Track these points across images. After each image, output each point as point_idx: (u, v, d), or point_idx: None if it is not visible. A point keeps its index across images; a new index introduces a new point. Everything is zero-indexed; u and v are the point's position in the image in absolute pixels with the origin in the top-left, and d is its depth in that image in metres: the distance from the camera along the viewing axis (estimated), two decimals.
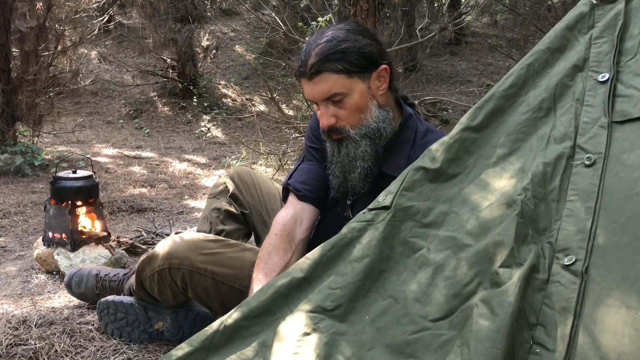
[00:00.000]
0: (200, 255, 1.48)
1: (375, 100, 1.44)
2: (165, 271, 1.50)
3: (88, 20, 6.09)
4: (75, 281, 1.88)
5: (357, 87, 1.40)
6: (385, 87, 1.45)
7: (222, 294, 1.49)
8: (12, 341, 1.58)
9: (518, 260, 1.00)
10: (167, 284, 1.52)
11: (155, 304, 1.65)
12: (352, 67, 1.38)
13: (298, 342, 1.05)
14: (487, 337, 0.92)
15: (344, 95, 1.40)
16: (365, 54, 1.39)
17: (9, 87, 4.65)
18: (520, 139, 1.15)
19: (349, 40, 1.38)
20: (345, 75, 1.38)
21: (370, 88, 1.42)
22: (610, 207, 1.00)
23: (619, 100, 1.09)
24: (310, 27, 5.28)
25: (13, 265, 2.43)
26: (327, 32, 1.42)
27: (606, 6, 1.19)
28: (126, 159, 5.51)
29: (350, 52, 1.37)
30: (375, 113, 1.43)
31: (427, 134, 1.47)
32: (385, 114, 1.45)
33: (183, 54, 7.69)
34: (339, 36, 1.39)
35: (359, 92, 1.41)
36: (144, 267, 1.56)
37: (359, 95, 1.41)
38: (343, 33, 1.40)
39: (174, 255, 1.49)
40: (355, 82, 1.40)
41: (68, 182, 2.28)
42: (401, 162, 1.40)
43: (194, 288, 1.49)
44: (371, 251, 1.12)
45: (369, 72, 1.41)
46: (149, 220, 3.24)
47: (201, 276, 1.47)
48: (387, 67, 1.44)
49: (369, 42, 1.40)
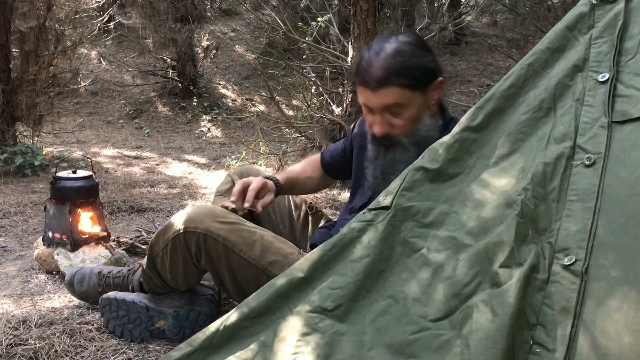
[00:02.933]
0: (215, 221, 1.52)
1: (428, 109, 1.52)
2: (180, 236, 1.52)
3: (88, 20, 6.09)
4: (77, 279, 1.87)
5: (417, 100, 1.48)
6: (437, 98, 1.53)
7: (232, 262, 1.52)
8: (12, 341, 1.58)
9: (518, 260, 1.00)
10: (180, 253, 1.54)
11: (162, 291, 1.65)
12: (417, 82, 1.46)
13: (298, 342, 1.05)
14: (487, 337, 0.92)
15: (403, 107, 1.47)
16: (429, 70, 1.47)
17: (9, 87, 4.65)
18: (520, 139, 1.15)
19: (416, 55, 1.46)
20: (410, 90, 1.45)
21: (426, 99, 1.50)
22: (610, 207, 1.00)
23: (619, 100, 1.09)
24: (310, 27, 5.28)
25: (13, 265, 2.43)
26: (391, 43, 1.47)
27: (606, 6, 1.19)
28: (126, 159, 5.51)
29: (417, 69, 1.45)
30: (428, 122, 1.52)
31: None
32: (435, 122, 1.53)
33: (183, 54, 7.69)
34: (406, 51, 1.46)
35: (417, 105, 1.48)
36: (157, 240, 1.58)
37: (416, 108, 1.49)
38: (409, 48, 1.46)
39: (191, 219, 1.53)
40: (417, 95, 1.47)
41: (68, 182, 2.28)
42: None
43: (207, 252, 1.52)
44: (371, 251, 1.12)
45: (428, 85, 1.49)
46: (149, 220, 3.24)
47: (214, 241, 1.50)
48: (442, 80, 1.51)
49: (431, 58, 1.49)
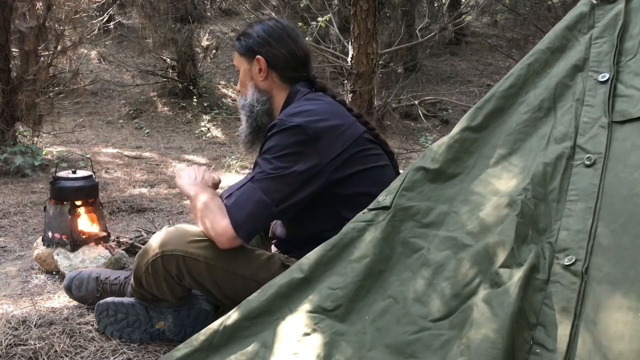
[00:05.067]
0: (192, 242, 1.49)
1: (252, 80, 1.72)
2: (158, 260, 1.50)
3: (88, 20, 6.09)
4: (75, 284, 1.88)
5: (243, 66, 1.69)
6: (265, 75, 1.65)
7: (217, 278, 1.50)
8: (11, 341, 1.58)
9: (518, 261, 1.00)
10: (161, 276, 1.53)
11: (156, 302, 1.65)
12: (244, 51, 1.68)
13: (298, 342, 1.05)
14: (487, 337, 0.92)
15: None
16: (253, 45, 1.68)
17: (9, 87, 4.65)
18: (521, 139, 1.15)
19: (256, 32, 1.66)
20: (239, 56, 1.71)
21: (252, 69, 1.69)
22: (610, 207, 1.00)
23: (619, 100, 1.09)
24: (310, 27, 5.28)
25: (13, 266, 2.43)
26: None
27: (606, 6, 1.19)
28: (126, 159, 5.51)
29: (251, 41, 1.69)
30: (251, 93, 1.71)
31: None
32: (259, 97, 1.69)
33: (183, 54, 7.69)
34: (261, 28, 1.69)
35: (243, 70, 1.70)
36: (139, 263, 1.56)
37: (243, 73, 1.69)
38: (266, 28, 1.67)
39: (167, 242, 1.50)
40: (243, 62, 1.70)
41: (68, 182, 2.28)
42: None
43: (189, 273, 1.50)
44: (371, 251, 1.12)
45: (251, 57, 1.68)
46: (149, 220, 3.24)
47: (194, 261, 1.48)
48: (260, 59, 1.64)
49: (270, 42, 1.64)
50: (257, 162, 1.48)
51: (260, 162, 1.47)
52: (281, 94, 1.65)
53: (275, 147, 1.44)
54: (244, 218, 1.40)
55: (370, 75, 5.39)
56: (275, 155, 1.44)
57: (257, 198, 1.41)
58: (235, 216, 1.40)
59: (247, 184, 1.44)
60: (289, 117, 1.46)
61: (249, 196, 1.42)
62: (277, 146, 1.44)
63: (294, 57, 1.62)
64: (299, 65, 1.63)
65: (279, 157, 1.43)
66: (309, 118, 1.45)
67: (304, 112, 1.48)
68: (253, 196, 1.41)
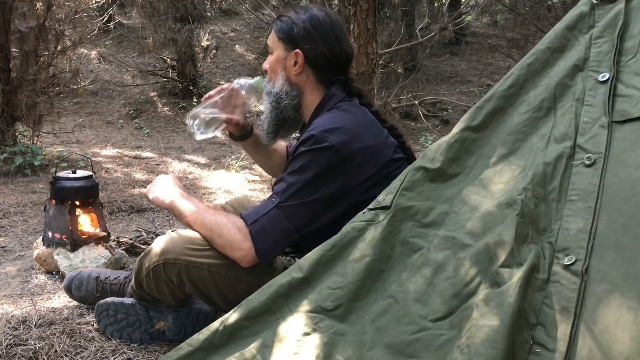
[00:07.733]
0: (196, 250, 1.49)
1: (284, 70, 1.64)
2: (160, 267, 1.50)
3: (88, 20, 6.08)
4: (75, 284, 1.88)
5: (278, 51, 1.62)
6: (300, 70, 1.59)
7: (220, 285, 1.50)
8: (11, 341, 1.58)
9: (518, 260, 1.00)
10: (163, 281, 1.53)
11: (156, 302, 1.65)
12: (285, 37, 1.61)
13: (298, 342, 1.05)
14: (487, 337, 0.92)
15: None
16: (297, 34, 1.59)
17: (9, 87, 4.65)
18: (521, 139, 1.15)
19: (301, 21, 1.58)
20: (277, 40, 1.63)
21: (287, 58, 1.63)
22: (610, 207, 1.00)
23: (619, 100, 1.09)
24: None
25: (13, 265, 2.43)
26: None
27: (606, 6, 1.20)
28: (126, 159, 5.51)
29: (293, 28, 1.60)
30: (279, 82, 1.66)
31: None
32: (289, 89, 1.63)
33: (183, 54, 7.69)
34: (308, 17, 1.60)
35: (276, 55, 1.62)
36: (140, 266, 1.56)
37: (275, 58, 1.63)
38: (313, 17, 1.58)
39: (170, 250, 1.49)
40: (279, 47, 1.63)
41: (68, 182, 2.28)
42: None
43: (191, 281, 1.49)
44: (371, 251, 1.12)
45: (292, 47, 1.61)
46: (149, 220, 3.24)
47: (198, 270, 1.48)
48: (299, 53, 1.56)
49: (314, 34, 1.57)
50: (283, 179, 1.44)
51: (287, 181, 1.42)
52: (314, 93, 1.57)
53: (305, 169, 1.40)
54: (269, 246, 1.41)
55: (370, 75, 5.39)
56: (304, 177, 1.40)
57: (282, 227, 1.40)
58: (259, 244, 1.40)
59: (273, 211, 1.41)
60: (324, 134, 1.40)
61: (274, 225, 1.40)
62: (308, 168, 1.40)
63: (336, 59, 1.54)
64: (339, 68, 1.56)
65: (308, 181, 1.40)
66: (343, 138, 1.40)
67: (340, 129, 1.42)
68: (279, 225, 1.40)
